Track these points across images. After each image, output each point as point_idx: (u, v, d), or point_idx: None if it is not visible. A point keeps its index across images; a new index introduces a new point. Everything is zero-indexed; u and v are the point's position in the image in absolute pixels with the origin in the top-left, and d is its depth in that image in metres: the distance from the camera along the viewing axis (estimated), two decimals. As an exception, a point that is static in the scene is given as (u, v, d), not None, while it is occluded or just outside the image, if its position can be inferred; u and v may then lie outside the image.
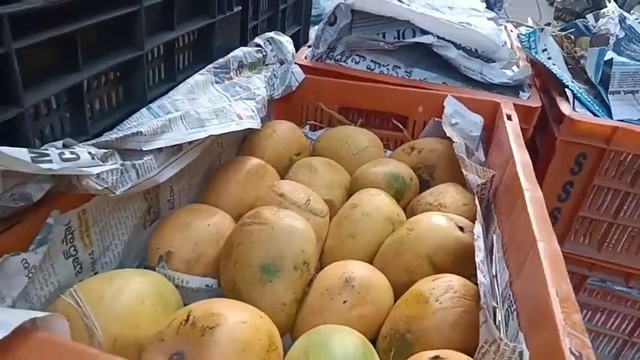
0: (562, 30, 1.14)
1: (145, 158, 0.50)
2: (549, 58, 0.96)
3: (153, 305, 0.43)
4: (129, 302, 0.42)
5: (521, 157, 0.61)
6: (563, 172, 0.86)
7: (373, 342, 0.48)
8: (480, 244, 0.51)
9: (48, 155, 0.38)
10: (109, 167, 0.44)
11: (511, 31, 1.38)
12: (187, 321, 0.39)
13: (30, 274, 0.40)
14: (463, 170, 0.69)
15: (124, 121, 0.54)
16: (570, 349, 0.33)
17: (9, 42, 0.37)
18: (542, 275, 0.41)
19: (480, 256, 0.50)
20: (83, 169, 0.41)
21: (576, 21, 1.06)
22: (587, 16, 1.05)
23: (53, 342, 0.29)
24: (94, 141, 0.46)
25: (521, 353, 0.39)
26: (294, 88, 0.87)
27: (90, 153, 0.42)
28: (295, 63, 0.89)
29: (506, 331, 0.45)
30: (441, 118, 0.82)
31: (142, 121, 0.54)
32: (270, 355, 0.40)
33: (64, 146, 0.43)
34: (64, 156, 0.39)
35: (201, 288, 0.53)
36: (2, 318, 0.28)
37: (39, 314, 0.29)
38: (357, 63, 0.96)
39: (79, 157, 0.40)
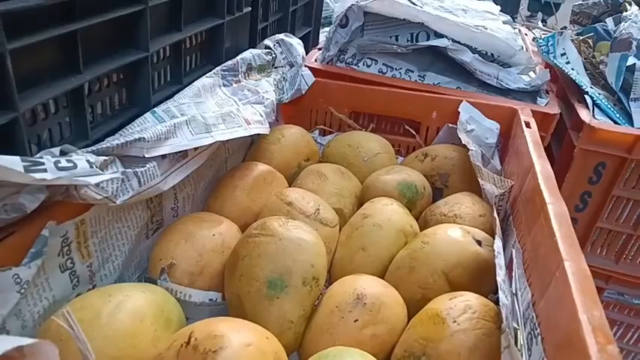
0: (579, 34, 1.10)
1: (148, 165, 0.47)
2: (568, 63, 0.93)
3: (153, 324, 0.41)
4: (127, 321, 0.39)
5: (542, 168, 0.57)
6: (580, 181, 0.83)
7: (385, 364, 0.45)
8: (500, 262, 0.48)
9: (42, 164, 0.35)
10: (109, 177, 0.41)
11: (525, 34, 1.35)
12: (188, 343, 0.36)
13: (22, 290, 0.37)
14: (479, 180, 0.66)
15: (126, 126, 0.51)
16: (608, 385, 0.30)
17: (3, 42, 0.35)
18: (570, 299, 0.37)
19: (500, 274, 0.47)
20: (80, 178, 0.38)
21: (595, 25, 1.02)
22: (606, 20, 1.02)
23: (41, 372, 0.27)
24: (94, 147, 0.43)
25: (547, 383, 0.36)
26: (303, 92, 0.84)
27: (88, 161, 0.39)
28: (305, 66, 0.86)
29: (529, 356, 0.42)
30: (454, 123, 0.79)
31: (146, 126, 0.51)
32: (276, 380, 0.38)
33: (62, 153, 0.40)
34: (59, 164, 0.37)
35: (205, 302, 0.51)
36: (-16, 346, 0.25)
37: (26, 341, 0.27)
38: (368, 66, 0.93)
39: (76, 166, 0.38)
